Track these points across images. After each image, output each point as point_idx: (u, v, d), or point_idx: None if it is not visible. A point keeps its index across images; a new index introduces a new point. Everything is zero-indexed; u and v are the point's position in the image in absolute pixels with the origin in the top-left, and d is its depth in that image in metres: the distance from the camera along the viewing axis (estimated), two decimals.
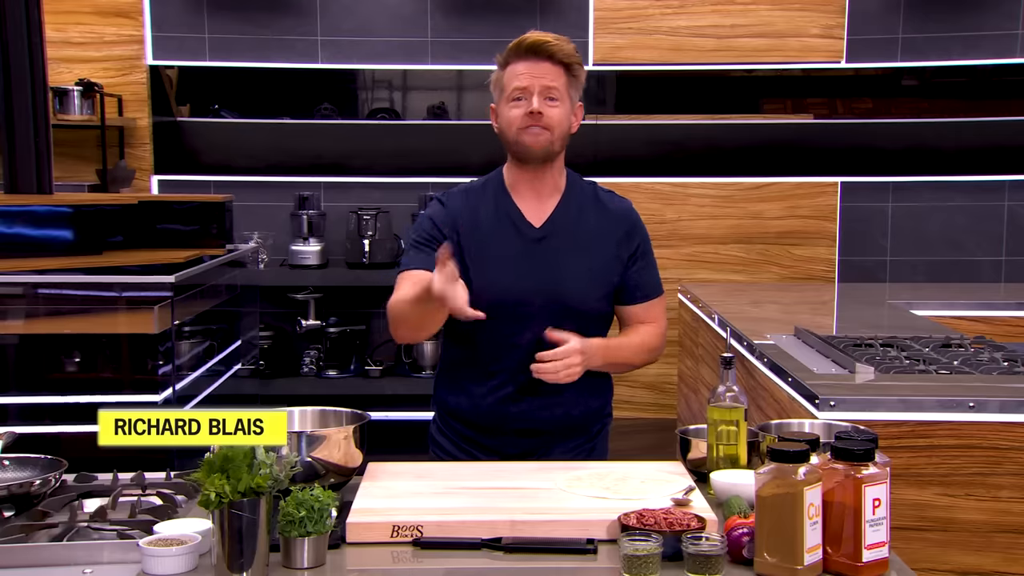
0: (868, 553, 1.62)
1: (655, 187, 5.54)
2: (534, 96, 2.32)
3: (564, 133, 2.37)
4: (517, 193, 2.42)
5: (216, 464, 1.60)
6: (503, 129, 2.38)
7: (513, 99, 2.34)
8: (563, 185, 2.45)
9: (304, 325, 5.30)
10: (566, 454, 2.42)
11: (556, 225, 2.40)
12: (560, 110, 2.34)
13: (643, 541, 1.60)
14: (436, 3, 5.43)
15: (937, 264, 5.54)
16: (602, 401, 2.51)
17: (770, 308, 4.19)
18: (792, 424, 2.12)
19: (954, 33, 5.38)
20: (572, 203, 2.43)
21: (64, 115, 5.17)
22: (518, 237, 2.39)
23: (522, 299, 2.35)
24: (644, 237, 2.50)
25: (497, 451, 2.41)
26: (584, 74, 2.41)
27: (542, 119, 2.32)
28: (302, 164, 5.50)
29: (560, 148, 2.39)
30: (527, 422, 2.39)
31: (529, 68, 2.33)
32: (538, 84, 2.32)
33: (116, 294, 3.56)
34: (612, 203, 2.48)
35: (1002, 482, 2.49)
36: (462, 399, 2.45)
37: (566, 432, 2.43)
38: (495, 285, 2.34)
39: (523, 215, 2.41)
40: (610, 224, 2.43)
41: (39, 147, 4.01)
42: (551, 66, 2.33)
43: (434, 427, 2.55)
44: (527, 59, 2.33)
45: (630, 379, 5.54)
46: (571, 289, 2.37)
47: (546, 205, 2.42)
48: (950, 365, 2.88)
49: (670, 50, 5.46)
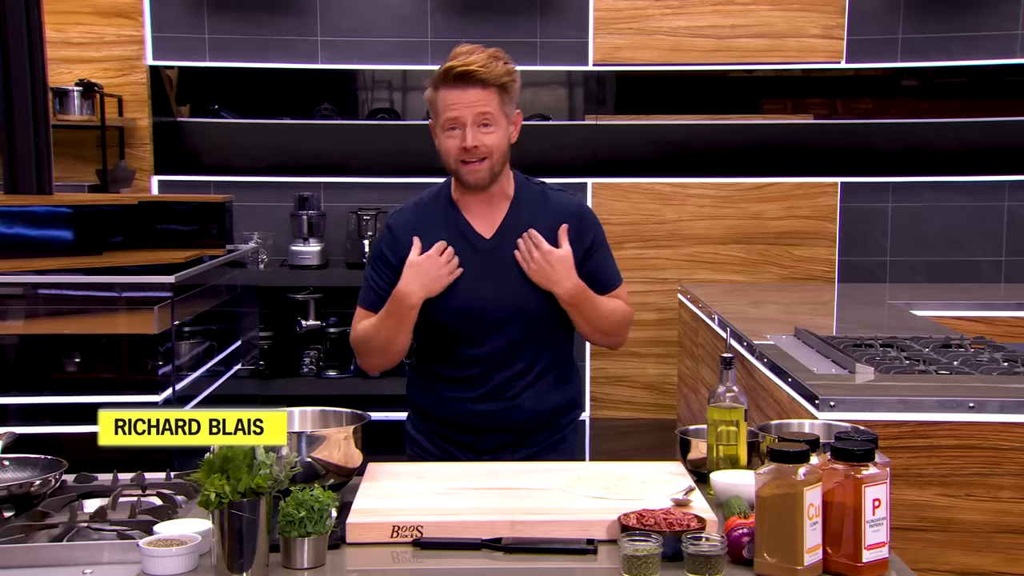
0: (868, 553, 1.62)
1: (655, 187, 5.54)
2: (467, 128, 2.31)
3: (502, 155, 2.38)
4: (465, 206, 2.45)
5: (216, 464, 1.60)
6: (443, 157, 2.39)
7: (448, 128, 2.34)
8: (511, 191, 2.45)
9: (304, 325, 5.30)
10: (537, 446, 2.46)
11: (507, 233, 2.42)
12: (495, 135, 2.34)
13: (643, 541, 1.60)
14: (436, 3, 5.43)
15: (937, 264, 5.54)
16: (570, 395, 2.54)
17: (770, 308, 4.19)
18: (792, 424, 2.12)
19: (954, 33, 5.38)
20: (522, 209, 2.44)
21: (64, 115, 5.17)
22: (470, 249, 2.41)
23: (480, 309, 2.38)
24: (597, 230, 2.50)
25: (470, 447, 2.46)
26: (518, 83, 2.38)
27: (478, 151, 2.33)
28: (302, 164, 5.50)
29: (500, 169, 2.39)
30: (496, 421, 2.43)
31: (460, 97, 2.31)
32: (470, 114, 2.31)
33: (116, 294, 3.56)
34: (561, 202, 2.48)
35: (1002, 482, 2.49)
36: (432, 400, 2.49)
37: (536, 427, 2.47)
38: (452, 299, 2.38)
39: (473, 227, 2.43)
40: (560, 222, 2.43)
41: (39, 147, 4.01)
42: (482, 91, 2.31)
43: (409, 425, 2.59)
44: (456, 87, 2.31)
45: (630, 379, 5.54)
46: (528, 295, 2.39)
47: (495, 215, 2.44)
48: (950, 365, 2.88)
49: (670, 50, 5.46)
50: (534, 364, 2.44)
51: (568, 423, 2.55)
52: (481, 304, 2.38)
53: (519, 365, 2.42)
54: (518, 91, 2.39)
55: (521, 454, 2.43)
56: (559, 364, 2.49)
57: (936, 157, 5.49)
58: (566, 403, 2.53)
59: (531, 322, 2.40)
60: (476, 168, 2.35)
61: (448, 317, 2.39)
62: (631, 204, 5.53)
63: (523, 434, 2.46)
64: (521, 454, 2.43)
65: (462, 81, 2.30)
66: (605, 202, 5.50)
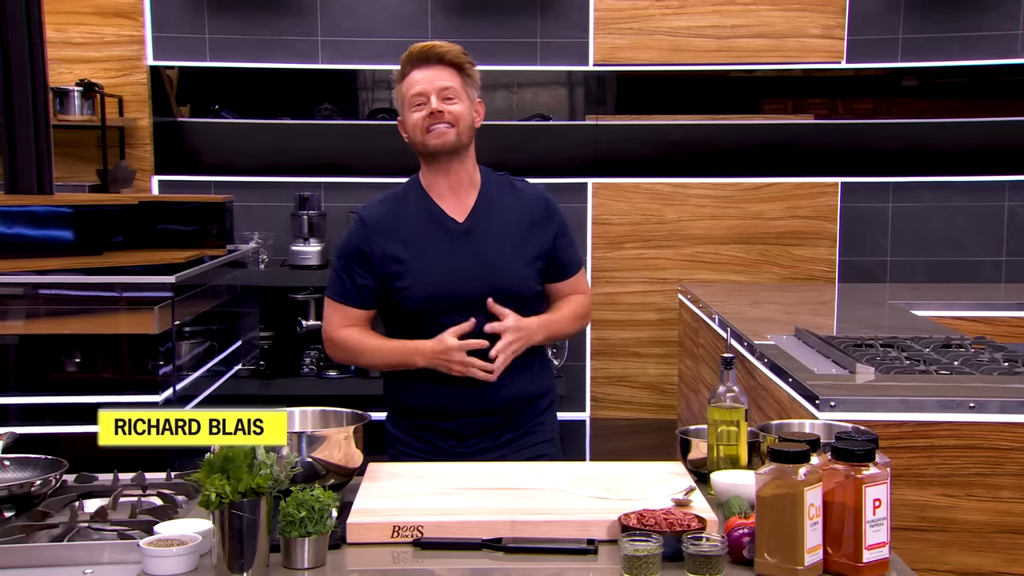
0: (868, 553, 1.62)
1: (655, 187, 5.54)
2: (432, 97, 2.43)
3: (468, 127, 2.48)
4: (436, 193, 2.53)
5: (216, 464, 1.60)
6: (410, 135, 2.51)
7: (414, 105, 2.46)
8: (479, 180, 2.55)
9: (304, 325, 5.30)
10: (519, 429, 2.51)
11: (479, 217, 2.50)
12: (460, 106, 2.46)
13: (643, 541, 1.60)
14: (436, 3, 5.43)
15: (937, 264, 5.54)
16: (545, 377, 2.61)
17: (770, 308, 4.19)
18: (792, 424, 2.12)
19: (954, 33, 5.38)
20: (491, 194, 2.53)
21: (64, 115, 5.17)
22: (444, 233, 2.48)
23: (457, 291, 2.43)
24: (561, 215, 2.60)
25: (454, 434, 2.48)
26: (478, 74, 2.52)
27: (443, 116, 2.43)
28: (302, 164, 5.50)
29: (468, 141, 2.49)
30: (477, 403, 2.46)
31: (423, 75, 2.45)
32: (433, 87, 2.43)
33: (116, 294, 3.56)
34: (527, 190, 2.59)
35: (1002, 483, 2.49)
36: (412, 392, 2.51)
37: (516, 410, 2.51)
38: (429, 282, 2.44)
39: (445, 212, 2.51)
40: (529, 209, 2.53)
41: (39, 147, 4.01)
42: (443, 68, 2.45)
43: (389, 424, 2.60)
44: (419, 67, 2.46)
45: (630, 380, 5.54)
46: (504, 275, 2.45)
47: (465, 200, 2.52)
48: (950, 365, 2.88)
49: (670, 50, 5.46)
50: None
51: (547, 405, 2.61)
52: (456, 286, 2.43)
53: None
54: (478, 80, 2.51)
55: (506, 437, 2.49)
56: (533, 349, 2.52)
57: (936, 157, 5.49)
58: (543, 383, 2.59)
59: (508, 300, 2.44)
60: (443, 131, 2.44)
61: (423, 300, 2.43)
62: (631, 204, 5.53)
63: (504, 415, 2.49)
64: (506, 437, 2.49)
65: (424, 61, 2.45)
66: (605, 202, 5.50)
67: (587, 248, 5.46)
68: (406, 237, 2.47)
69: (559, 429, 2.66)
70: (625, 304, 5.53)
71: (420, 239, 2.47)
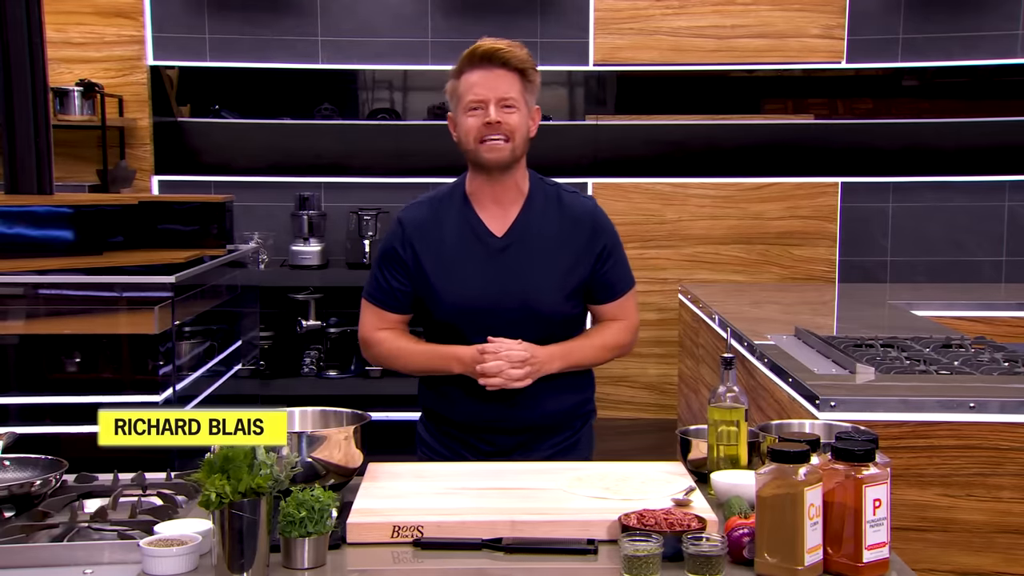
0: (869, 553, 1.62)
1: (655, 187, 5.54)
2: (491, 106, 2.32)
3: (523, 138, 2.38)
4: (478, 202, 2.43)
5: (216, 464, 1.60)
6: (461, 139, 2.39)
7: (470, 109, 2.34)
8: (526, 189, 2.44)
9: (304, 325, 5.30)
10: (548, 450, 2.44)
11: (519, 233, 2.40)
12: (518, 116, 2.35)
13: (643, 541, 1.60)
14: (436, 3, 5.43)
15: (938, 264, 5.54)
16: (581, 398, 2.52)
17: (770, 308, 4.19)
18: (792, 424, 2.12)
19: (954, 33, 5.38)
20: (535, 209, 2.43)
21: (65, 115, 5.17)
22: (481, 247, 2.40)
23: (489, 308, 2.37)
24: (610, 234, 2.49)
25: (480, 449, 2.44)
26: (539, 78, 2.41)
27: (500, 127, 2.32)
28: (302, 164, 5.50)
29: (521, 154, 2.39)
30: (505, 422, 2.41)
31: (483, 77, 2.33)
32: (494, 95, 2.32)
33: (116, 294, 3.56)
34: (575, 204, 2.47)
35: (1003, 483, 2.49)
36: (442, 402, 2.47)
37: (546, 429, 2.45)
38: (462, 296, 2.37)
39: (485, 225, 2.42)
40: (574, 227, 2.42)
41: (39, 147, 4.01)
42: (506, 73, 2.33)
43: (421, 426, 2.58)
44: (481, 67, 2.33)
45: (630, 380, 5.54)
46: (537, 295, 2.37)
47: (508, 213, 2.42)
48: (950, 365, 2.88)
49: (670, 50, 5.46)
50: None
51: (581, 426, 2.53)
52: (490, 303, 2.37)
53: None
54: (538, 86, 2.41)
55: (535, 457, 2.40)
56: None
57: (936, 157, 5.49)
58: (578, 404, 2.51)
59: (540, 322, 2.38)
60: (498, 146, 2.34)
61: (456, 315, 2.38)
62: (631, 204, 5.53)
63: (535, 435, 2.43)
64: (535, 457, 2.40)
65: (487, 62, 2.33)
66: (605, 202, 5.42)
67: None
68: (442, 246, 2.40)
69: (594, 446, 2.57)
70: None
71: (456, 251, 2.39)
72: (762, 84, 5.54)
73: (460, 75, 2.36)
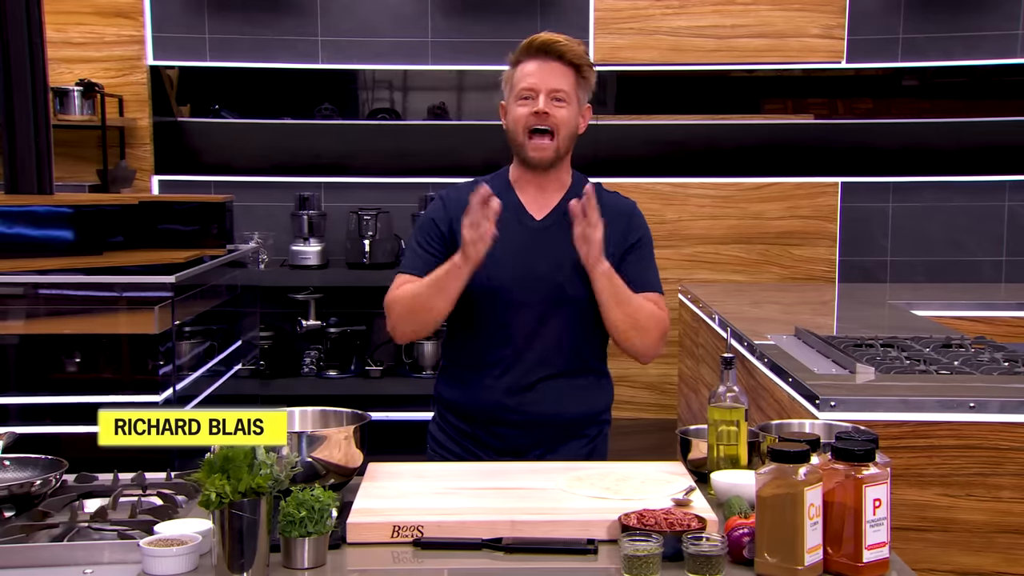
0: (869, 553, 1.62)
1: (655, 187, 5.54)
2: (541, 95, 2.34)
3: (571, 134, 2.39)
4: (521, 189, 2.46)
5: (216, 464, 1.60)
6: (510, 127, 2.40)
7: (521, 98, 2.37)
8: (568, 182, 2.48)
9: (304, 325, 5.30)
10: (563, 455, 2.41)
11: (558, 218, 2.41)
12: (567, 111, 2.36)
13: (643, 541, 1.60)
14: (436, 3, 5.43)
15: (937, 264, 5.54)
16: (600, 405, 2.52)
17: (770, 308, 4.19)
18: (792, 424, 2.12)
19: (954, 33, 5.38)
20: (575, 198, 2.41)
21: (65, 115, 5.17)
22: (520, 228, 2.41)
23: (521, 287, 2.37)
24: (645, 233, 2.51)
25: (495, 447, 2.42)
26: (594, 77, 2.43)
27: (548, 119, 2.34)
28: (302, 164, 5.50)
29: (565, 152, 2.41)
30: (523, 414, 2.39)
31: (538, 68, 2.36)
32: (545, 85, 2.35)
33: (117, 294, 3.56)
34: (616, 200, 2.51)
35: (1002, 482, 2.49)
36: (461, 392, 2.45)
37: (562, 430, 2.43)
38: (495, 273, 2.36)
39: (525, 208, 2.44)
40: (613, 217, 2.41)
41: (40, 147, 4.01)
42: (560, 66, 2.36)
43: (434, 425, 2.56)
44: (537, 58, 2.37)
45: (630, 379, 5.54)
46: (570, 279, 2.37)
47: (550, 200, 2.45)
48: (950, 365, 2.88)
49: (670, 50, 5.46)
50: (562, 356, 2.41)
51: (596, 434, 2.51)
52: (521, 281, 2.37)
53: (546, 352, 2.39)
54: (593, 84, 2.43)
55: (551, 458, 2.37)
56: (589, 366, 2.47)
57: (936, 157, 5.49)
58: (596, 411, 2.50)
59: (569, 304, 2.38)
60: (542, 144, 2.36)
61: (484, 289, 2.35)
62: None
63: (545, 434, 2.41)
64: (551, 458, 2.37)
65: (544, 53, 2.36)
66: None
67: None
68: None
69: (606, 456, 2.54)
70: None
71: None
72: (762, 84, 5.54)
73: (517, 64, 2.39)
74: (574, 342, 2.43)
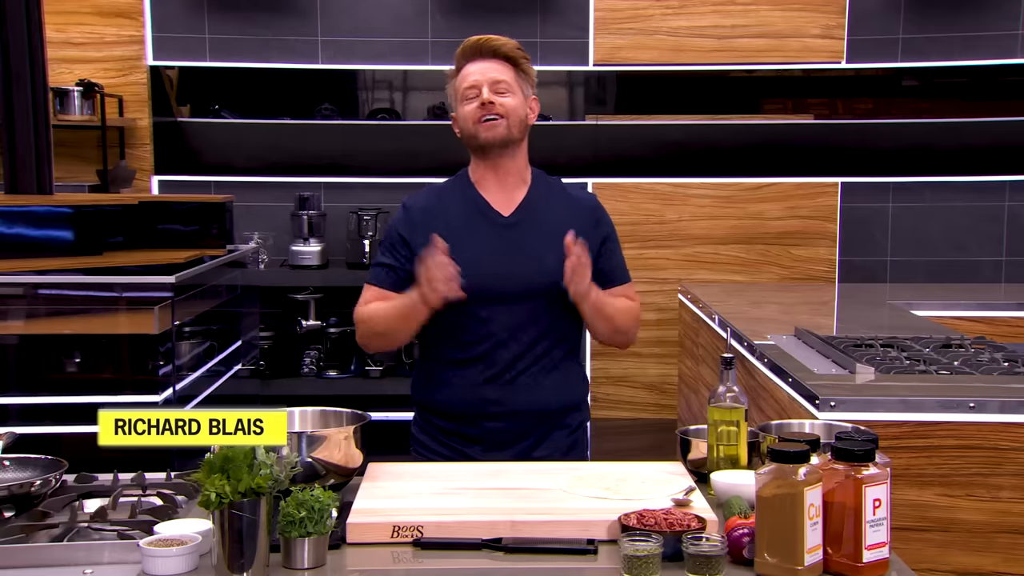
0: (868, 554, 1.62)
1: (655, 187, 5.54)
2: (484, 88, 2.41)
3: (520, 121, 2.45)
4: (483, 187, 2.50)
5: (216, 464, 1.60)
6: (462, 128, 2.47)
7: (466, 98, 2.43)
8: (529, 178, 2.52)
9: (304, 325, 5.30)
10: (548, 447, 2.45)
11: (525, 213, 2.47)
12: (512, 99, 2.43)
13: (643, 541, 1.60)
14: (436, 3, 5.43)
15: (938, 264, 5.54)
16: (580, 394, 2.56)
17: (770, 308, 4.20)
18: (792, 424, 2.12)
19: (954, 33, 5.38)
20: (539, 193, 2.50)
21: (64, 115, 5.17)
22: (488, 225, 2.45)
23: (496, 284, 2.40)
24: (611, 227, 2.57)
25: (477, 440, 2.44)
26: (533, 72, 2.49)
27: (495, 107, 2.41)
28: (302, 164, 5.50)
29: (519, 136, 2.46)
30: (505, 407, 2.42)
31: (477, 67, 2.44)
32: (486, 79, 2.42)
33: (116, 294, 3.56)
34: (580, 195, 2.58)
35: (1002, 483, 2.49)
36: (442, 391, 2.47)
37: (546, 420, 2.46)
38: (469, 271, 2.37)
39: (491, 205, 2.48)
40: (578, 213, 2.49)
41: (39, 147, 4.01)
42: (497, 63, 2.44)
43: (415, 427, 2.58)
44: (474, 59, 2.45)
45: (630, 380, 5.54)
46: (545, 272, 2.40)
47: (514, 196, 2.49)
48: (950, 366, 2.88)
49: (670, 50, 5.46)
50: (540, 348, 2.43)
51: (578, 426, 2.54)
52: (492, 278, 2.39)
53: (525, 345, 2.41)
54: (534, 78, 2.49)
55: (536, 455, 2.41)
56: (566, 357, 2.49)
57: (936, 157, 5.49)
58: (574, 403, 2.52)
59: (547, 299, 2.41)
60: (493, 124, 2.41)
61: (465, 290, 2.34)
62: (631, 204, 5.53)
63: (529, 424, 2.43)
64: (536, 455, 2.41)
65: (479, 53, 2.44)
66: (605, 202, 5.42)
67: None
68: (449, 227, 2.40)
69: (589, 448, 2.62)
70: None
71: (463, 230, 2.42)
72: (762, 84, 5.54)
73: (456, 73, 2.47)
74: (553, 333, 2.46)
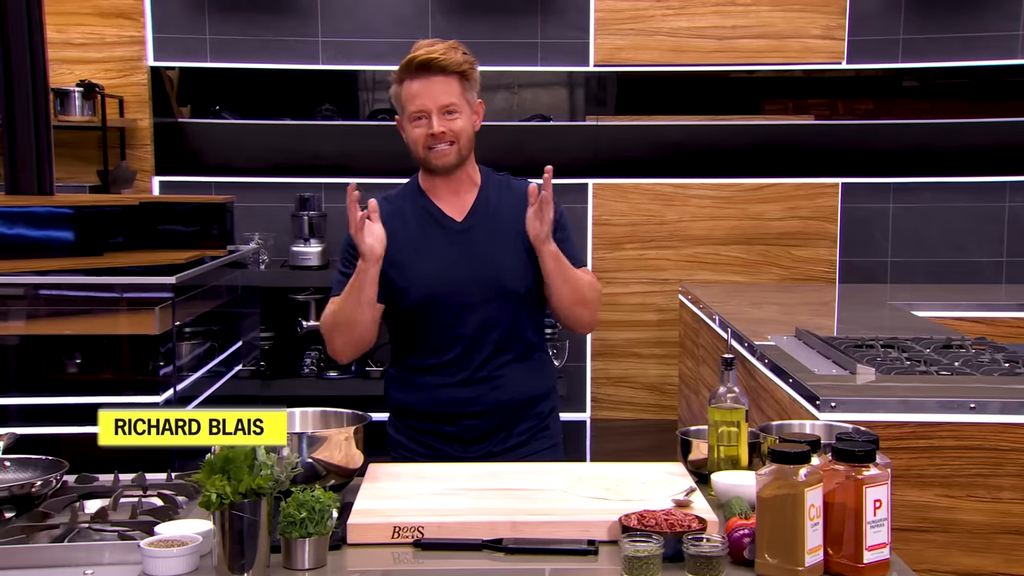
0: (869, 554, 1.62)
1: (655, 188, 5.54)
2: (433, 116, 2.40)
3: (469, 140, 2.47)
4: (435, 195, 2.52)
5: (217, 465, 1.60)
6: (410, 145, 2.48)
7: (415, 119, 2.43)
8: (478, 179, 2.55)
9: (305, 326, 5.29)
10: (521, 435, 2.50)
11: (478, 216, 2.49)
12: (460, 121, 2.43)
13: (644, 542, 1.60)
14: (436, 3, 5.43)
15: (938, 265, 5.54)
16: (550, 382, 2.60)
17: (771, 309, 4.19)
18: (793, 425, 2.12)
19: (955, 34, 5.38)
20: (489, 194, 2.53)
21: (65, 116, 5.17)
22: (442, 232, 2.48)
23: (457, 289, 2.43)
24: (564, 213, 2.55)
25: (456, 438, 2.47)
26: (477, 74, 2.47)
27: (445, 136, 2.41)
28: (303, 165, 5.50)
29: (468, 153, 2.49)
30: (482, 405, 2.46)
31: (423, 87, 2.40)
32: (435, 103, 2.40)
33: (117, 295, 3.56)
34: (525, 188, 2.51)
35: (1003, 483, 2.49)
36: (415, 394, 2.50)
37: (517, 412, 2.50)
38: (429, 279, 2.43)
39: (444, 212, 2.50)
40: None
41: (40, 148, 4.01)
42: (444, 80, 2.40)
43: (391, 428, 2.60)
44: (419, 77, 2.41)
45: (630, 380, 5.54)
46: (504, 272, 2.44)
47: (464, 200, 2.52)
48: (951, 366, 2.88)
49: (670, 51, 5.46)
50: (510, 344, 2.48)
51: (549, 412, 2.59)
52: (455, 285, 2.43)
53: (496, 344, 2.46)
54: (478, 80, 2.48)
55: (511, 443, 2.48)
56: (533, 349, 2.54)
57: (937, 158, 5.49)
58: (545, 391, 2.57)
59: (508, 297, 2.45)
60: (444, 151, 2.43)
61: (422, 300, 2.43)
62: (631, 205, 5.53)
63: (506, 418, 2.48)
64: (511, 443, 2.48)
65: (424, 71, 2.40)
66: (605, 203, 5.50)
67: (587, 249, 5.46)
68: (405, 237, 2.47)
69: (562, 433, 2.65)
70: (625, 305, 5.53)
71: (419, 239, 2.47)
72: (762, 85, 5.53)
73: (401, 83, 2.44)
74: (519, 329, 2.50)
